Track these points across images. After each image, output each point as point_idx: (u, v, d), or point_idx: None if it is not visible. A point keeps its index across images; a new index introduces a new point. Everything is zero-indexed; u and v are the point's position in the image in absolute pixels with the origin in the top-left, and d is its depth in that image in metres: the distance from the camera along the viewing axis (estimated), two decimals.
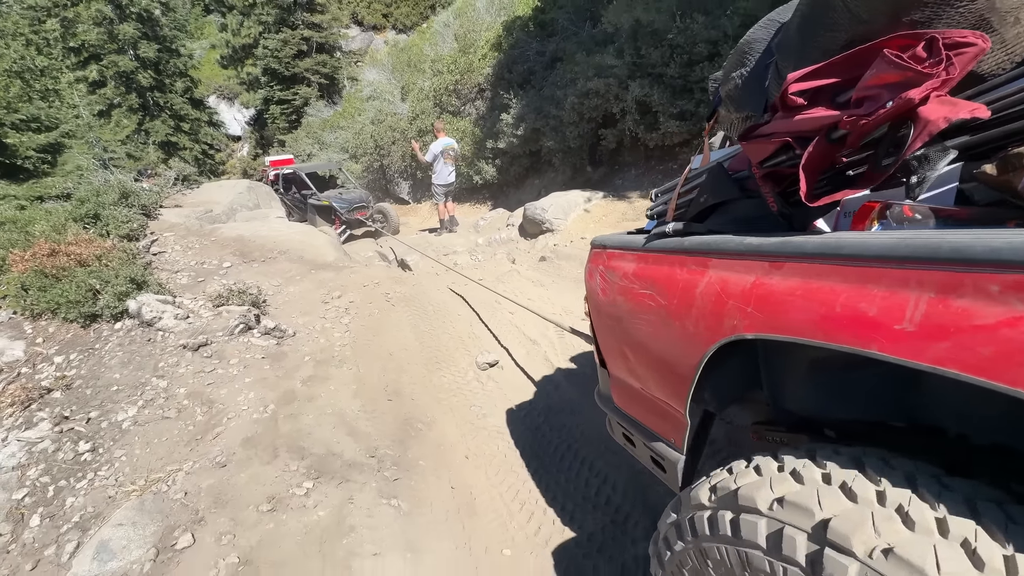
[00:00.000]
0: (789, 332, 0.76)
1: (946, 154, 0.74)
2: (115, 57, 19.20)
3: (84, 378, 2.89)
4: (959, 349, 0.55)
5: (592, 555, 1.92)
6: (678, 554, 0.96)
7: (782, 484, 0.79)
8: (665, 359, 1.11)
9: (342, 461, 2.29)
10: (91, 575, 1.70)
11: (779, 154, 0.96)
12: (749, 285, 0.85)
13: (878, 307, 0.64)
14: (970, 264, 0.55)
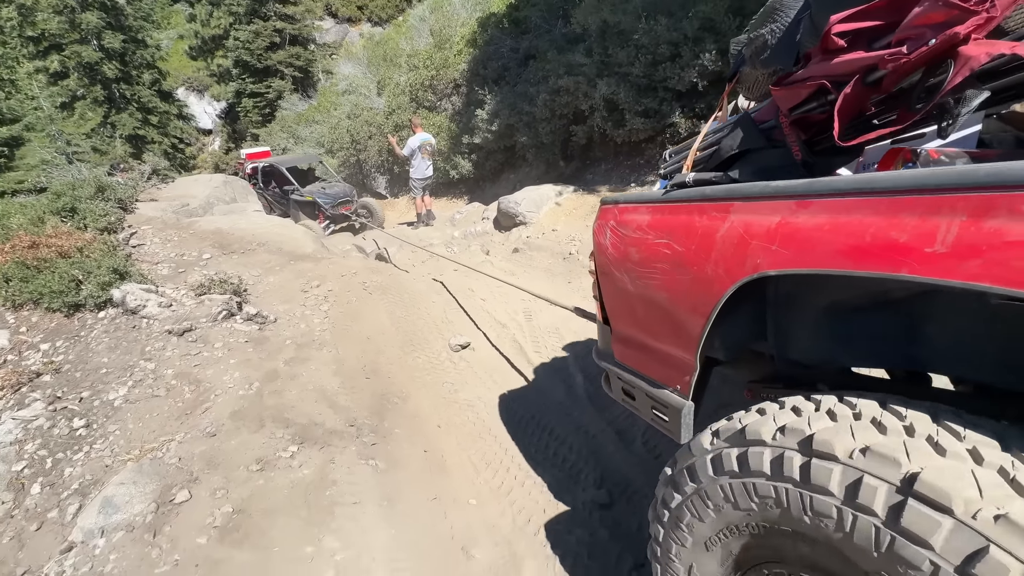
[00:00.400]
0: (813, 265, 0.80)
1: (980, 93, 0.78)
2: (78, 47, 18.57)
3: (72, 363, 3.03)
4: (991, 264, 0.60)
5: (542, 498, 2.20)
6: (676, 509, 1.03)
7: (784, 417, 0.89)
8: (678, 306, 1.15)
9: (324, 429, 2.52)
10: (97, 526, 1.90)
11: (810, 101, 1.02)
12: (775, 225, 0.88)
13: (909, 234, 0.68)
14: (1004, 187, 0.60)
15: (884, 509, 0.68)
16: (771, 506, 0.84)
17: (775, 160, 1.11)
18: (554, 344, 3.68)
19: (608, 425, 2.70)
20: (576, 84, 7.46)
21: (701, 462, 0.98)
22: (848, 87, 0.88)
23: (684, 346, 1.15)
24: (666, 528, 1.09)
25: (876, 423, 0.78)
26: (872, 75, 0.88)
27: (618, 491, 2.24)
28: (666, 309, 1.20)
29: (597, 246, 1.49)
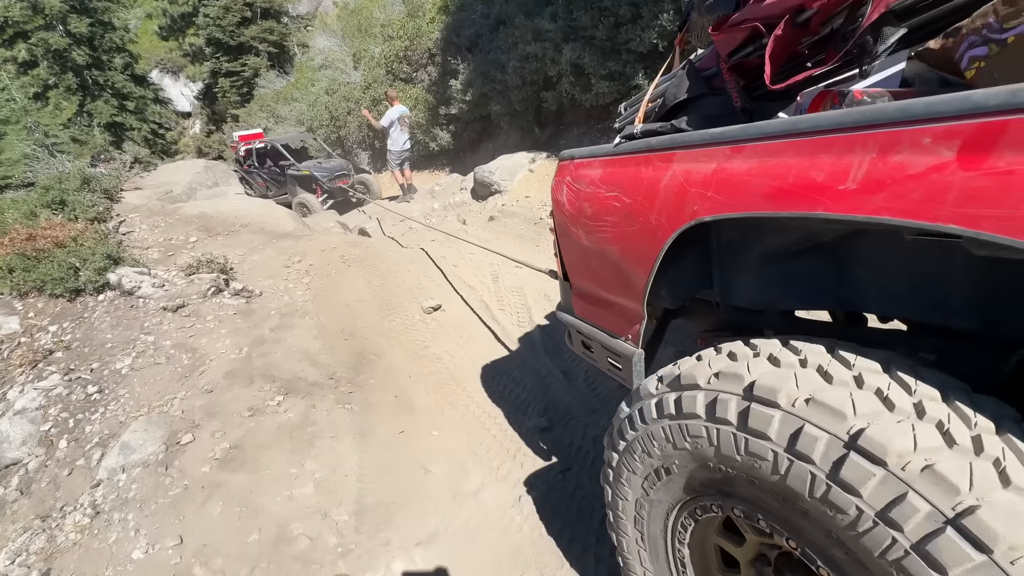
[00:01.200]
0: (743, 208, 0.83)
1: (897, 30, 0.83)
2: (44, 34, 18.13)
3: (80, 340, 3.39)
4: (893, 198, 0.63)
5: (494, 427, 2.61)
6: (630, 443, 1.08)
7: (719, 363, 0.93)
8: (627, 257, 1.18)
9: (306, 383, 2.90)
10: (119, 465, 2.30)
11: (747, 45, 1.04)
12: (711, 171, 0.90)
13: (826, 173, 0.71)
14: (909, 122, 0.62)
15: (823, 459, 0.70)
16: (702, 446, 0.90)
17: (717, 108, 1.12)
18: (517, 302, 4.04)
19: (556, 367, 3.08)
20: (543, 50, 7.55)
21: (647, 405, 1.02)
22: (778, 29, 0.90)
23: (633, 296, 1.19)
24: (620, 456, 1.13)
25: (822, 372, 0.79)
26: (801, 15, 0.90)
27: (558, 418, 2.64)
28: (616, 261, 1.23)
29: (555, 203, 1.50)
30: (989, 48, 0.72)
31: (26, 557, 2.05)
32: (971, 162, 0.57)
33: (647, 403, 1.02)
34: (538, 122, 8.97)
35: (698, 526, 1.05)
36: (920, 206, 0.61)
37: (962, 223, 0.57)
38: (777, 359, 0.85)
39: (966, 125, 0.57)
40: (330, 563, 1.73)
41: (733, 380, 0.84)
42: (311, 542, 1.82)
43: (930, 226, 0.60)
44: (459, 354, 3.48)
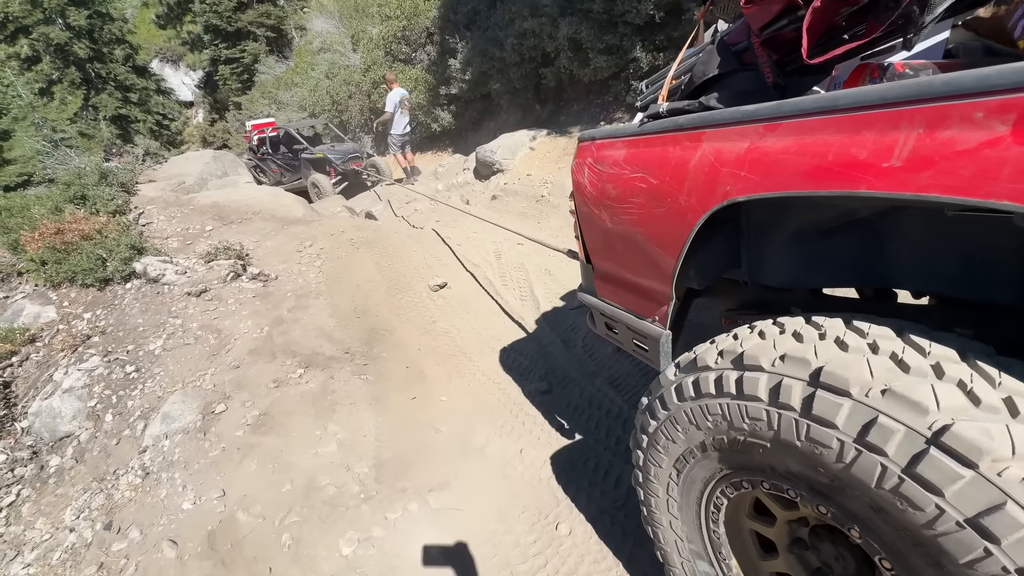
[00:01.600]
0: (780, 188, 0.81)
1: None
2: (44, 28, 18.21)
3: (114, 325, 3.65)
4: (942, 175, 0.61)
5: (498, 392, 2.83)
6: (653, 433, 1.10)
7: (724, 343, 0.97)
8: (654, 239, 1.17)
9: (324, 357, 3.14)
10: (162, 433, 2.56)
11: (781, 18, 1.00)
12: (743, 150, 0.88)
13: (869, 150, 0.68)
14: (959, 96, 0.60)
15: (799, 403, 0.75)
16: (720, 421, 0.92)
17: (748, 84, 1.09)
18: (519, 277, 4.23)
19: (556, 336, 3.29)
20: (540, 26, 7.53)
21: (668, 392, 1.04)
22: (816, 0, 0.86)
23: (661, 278, 1.18)
24: (645, 452, 1.15)
25: (796, 335, 0.85)
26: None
27: (557, 381, 2.85)
28: (643, 243, 1.21)
29: (576, 185, 1.48)
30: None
31: (89, 512, 2.34)
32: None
33: (668, 390, 1.04)
34: (538, 99, 8.98)
35: (730, 504, 1.07)
36: (972, 183, 0.59)
37: (1018, 199, 0.56)
38: (845, 342, 0.83)
39: (1021, 98, 0.55)
40: (354, 506, 1.98)
41: (798, 363, 0.81)
42: (337, 490, 2.07)
43: (982, 203, 0.58)
44: (465, 328, 3.69)
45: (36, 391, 3.24)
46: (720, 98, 1.09)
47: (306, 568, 1.75)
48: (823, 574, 0.98)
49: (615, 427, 2.33)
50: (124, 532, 2.15)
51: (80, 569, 2.05)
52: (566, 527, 1.80)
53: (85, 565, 2.06)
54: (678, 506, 1.15)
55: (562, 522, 1.82)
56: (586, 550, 1.69)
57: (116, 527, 2.19)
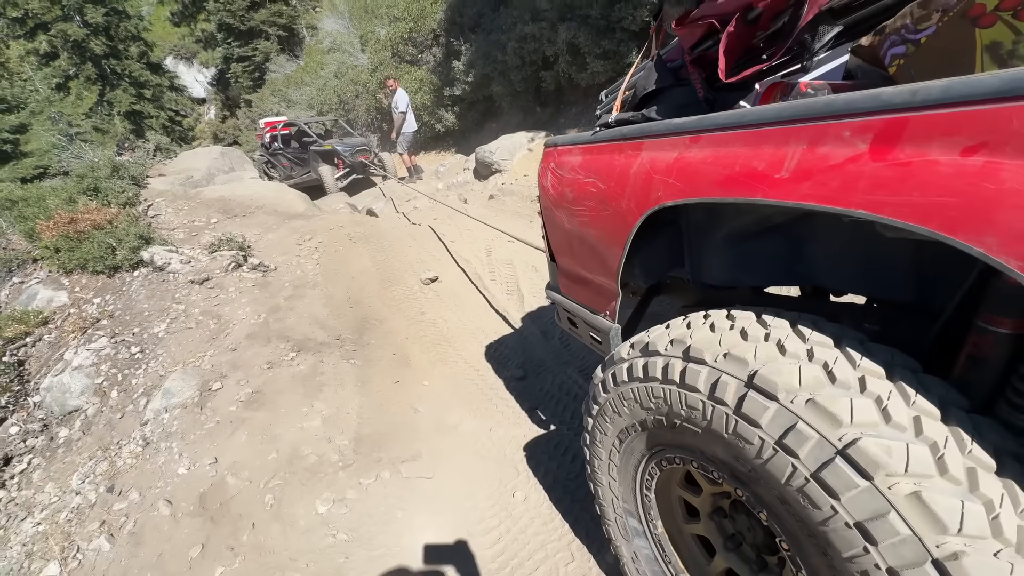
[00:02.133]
0: (699, 195, 0.90)
1: (833, 28, 0.89)
2: (62, 25, 18.67)
3: (121, 310, 3.87)
4: (816, 186, 0.69)
5: (477, 378, 3.00)
6: (603, 404, 1.18)
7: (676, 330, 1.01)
8: (602, 239, 1.27)
9: (315, 342, 3.33)
10: (163, 407, 2.77)
11: (707, 39, 1.09)
12: (672, 160, 0.97)
13: (766, 163, 0.77)
14: (833, 116, 0.68)
15: (733, 400, 0.81)
16: (661, 404, 0.99)
17: (684, 98, 1.17)
18: (507, 273, 4.40)
19: (536, 328, 3.46)
20: (541, 30, 7.71)
21: (619, 369, 1.10)
22: (730, 26, 0.95)
23: (608, 275, 1.27)
24: (594, 419, 1.24)
25: (743, 332, 0.90)
26: (751, 13, 0.96)
27: (532, 369, 3.03)
28: (594, 243, 1.32)
29: (541, 188, 1.59)
30: (907, 47, 0.78)
31: (93, 477, 2.54)
32: (879, 154, 0.63)
33: (619, 367, 1.11)
34: (539, 101, 9.16)
35: (663, 474, 1.19)
36: (837, 193, 0.66)
37: (869, 208, 0.63)
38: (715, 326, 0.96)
39: (877, 120, 0.63)
40: (332, 472, 2.17)
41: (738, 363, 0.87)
42: (318, 458, 2.25)
43: (844, 211, 0.66)
44: (452, 319, 3.87)
45: (48, 369, 3.46)
46: (659, 111, 1.18)
47: (285, 523, 1.93)
48: (736, 540, 1.12)
49: (579, 409, 2.50)
50: (125, 494, 2.35)
51: (84, 526, 2.25)
52: (522, 494, 1.97)
53: (89, 522, 2.26)
54: (618, 470, 1.27)
55: (519, 490, 1.99)
56: (537, 513, 1.86)
57: (118, 490, 2.39)
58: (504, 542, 1.76)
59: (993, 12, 0.67)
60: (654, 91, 1.25)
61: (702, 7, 1.05)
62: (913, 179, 0.59)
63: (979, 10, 0.68)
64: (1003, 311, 0.70)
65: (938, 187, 0.57)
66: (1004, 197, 0.52)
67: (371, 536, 1.83)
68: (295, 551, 1.80)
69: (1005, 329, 0.71)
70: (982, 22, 0.68)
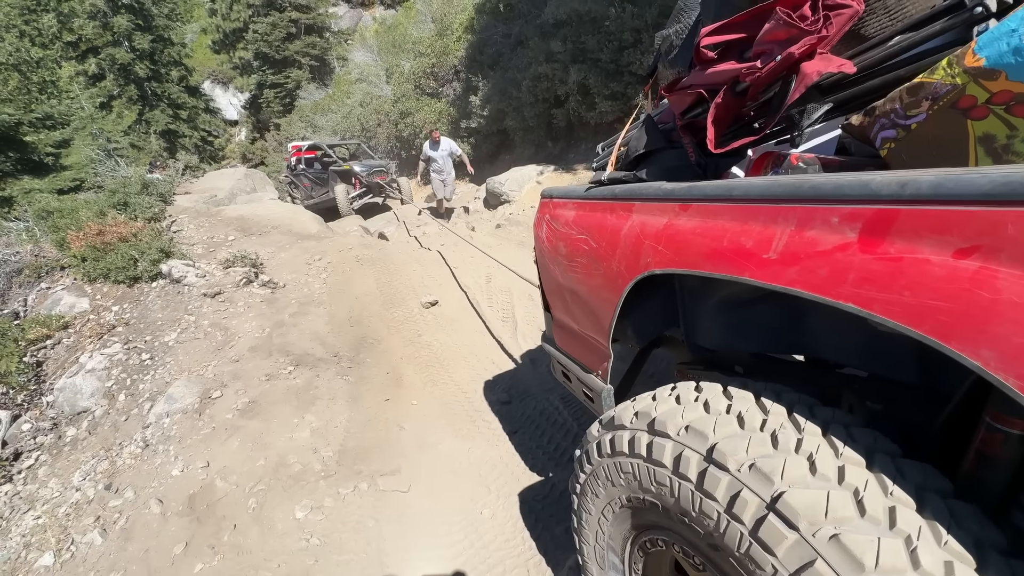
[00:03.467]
0: (687, 266, 0.87)
1: (821, 107, 0.86)
2: (112, 50, 19.96)
3: (137, 319, 4.10)
4: (804, 272, 0.65)
5: (464, 400, 3.12)
6: (583, 484, 1.14)
7: (640, 403, 0.99)
8: (594, 298, 1.24)
9: (314, 358, 3.49)
10: (165, 412, 2.93)
11: (697, 106, 1.07)
12: (662, 226, 0.94)
13: (754, 240, 0.73)
14: (821, 200, 0.65)
15: (695, 475, 0.80)
16: (631, 480, 0.95)
17: (676, 160, 1.15)
18: (504, 300, 4.56)
19: (527, 355, 3.58)
20: (553, 70, 8.11)
21: (591, 447, 1.09)
22: (718, 96, 0.94)
23: (600, 334, 1.24)
24: (579, 499, 1.20)
25: (706, 405, 0.89)
26: (738, 86, 0.93)
27: (517, 394, 3.13)
28: (586, 300, 1.29)
29: (536, 238, 1.57)
30: (897, 132, 0.75)
31: (94, 475, 2.69)
32: (869, 245, 0.59)
33: (592, 445, 1.09)
34: (550, 136, 9.51)
35: (649, 559, 1.12)
36: (826, 282, 0.62)
37: (859, 303, 0.59)
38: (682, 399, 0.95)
39: (866, 209, 0.60)
40: (314, 481, 2.28)
41: (699, 437, 0.85)
42: (302, 467, 2.37)
43: (832, 303, 0.62)
44: (448, 343, 4.01)
45: (63, 371, 3.67)
46: (650, 172, 1.15)
47: (264, 526, 2.04)
48: None
49: (557, 435, 2.59)
50: (121, 492, 2.48)
51: (80, 520, 2.38)
52: (490, 512, 2.06)
53: (85, 517, 2.40)
54: (606, 557, 1.19)
55: (487, 508, 2.08)
56: (500, 531, 1.94)
57: (115, 488, 2.53)
58: (466, 556, 1.85)
59: (984, 105, 0.64)
60: (645, 152, 1.24)
61: (691, 76, 1.02)
62: (904, 277, 0.55)
63: (970, 101, 0.65)
64: (1012, 411, 0.64)
65: (930, 289, 0.53)
66: (1001, 309, 0.48)
67: (341, 542, 1.93)
68: (270, 552, 1.91)
69: (1016, 430, 0.64)
70: (973, 114, 0.66)
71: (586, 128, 8.70)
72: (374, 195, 10.23)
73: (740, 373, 1.20)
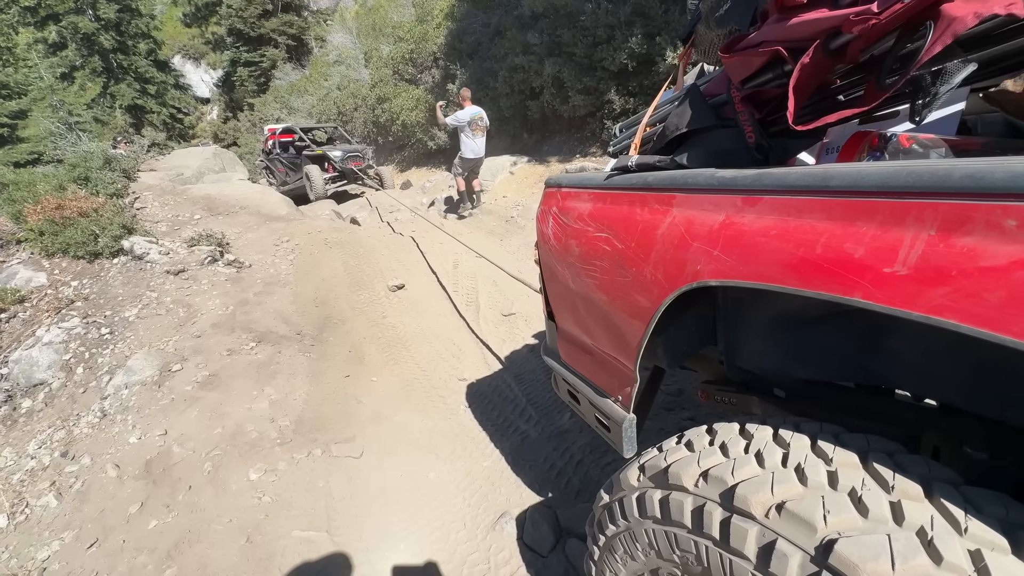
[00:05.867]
0: (759, 278, 0.69)
1: (966, 67, 0.62)
2: (74, 18, 19.07)
3: (96, 294, 4.08)
4: (962, 296, 0.48)
5: (423, 378, 3.25)
6: (611, 538, 0.96)
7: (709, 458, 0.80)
8: (618, 310, 1.05)
9: (277, 335, 3.57)
10: (123, 383, 2.97)
11: (765, 71, 0.86)
12: (718, 225, 0.77)
13: (866, 247, 0.56)
14: (984, 195, 0.47)
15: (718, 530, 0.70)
16: (648, 551, 0.83)
17: (727, 142, 0.94)
18: (468, 286, 4.69)
19: (487, 337, 3.73)
20: (529, 62, 8.21)
21: (628, 500, 0.91)
22: (806, 56, 0.73)
23: (625, 355, 1.06)
24: (601, 551, 1.02)
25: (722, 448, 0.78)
26: (835, 40, 0.72)
27: (473, 373, 3.28)
28: (607, 312, 1.09)
29: (540, 235, 1.36)
30: None
31: (50, 444, 2.73)
32: None
33: (628, 497, 0.91)
34: (525, 128, 9.62)
35: None
36: (1003, 316, 0.45)
37: None
38: None
39: None
40: (269, 447, 2.39)
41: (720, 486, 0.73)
42: (259, 435, 2.48)
43: (1012, 343, 0.45)
44: (411, 324, 4.12)
45: (18, 344, 3.64)
46: (692, 156, 0.95)
47: (218, 487, 2.15)
48: None
49: (506, 409, 2.75)
50: (77, 459, 2.54)
51: (35, 485, 2.44)
52: (435, 475, 2.21)
53: (40, 482, 2.45)
54: None
55: (432, 471, 2.23)
56: (443, 490, 2.10)
57: (71, 455, 2.58)
58: (410, 512, 2.00)
59: None
60: (687, 132, 1.01)
61: (764, 30, 0.82)
62: None
63: None
64: None
65: None
66: None
67: (292, 500, 2.06)
68: (223, 509, 2.02)
69: None
70: None
71: (560, 121, 8.84)
72: (348, 181, 10.14)
73: (781, 397, 1.06)
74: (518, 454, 2.32)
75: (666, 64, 6.53)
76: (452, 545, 1.85)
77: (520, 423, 2.59)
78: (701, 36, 1.10)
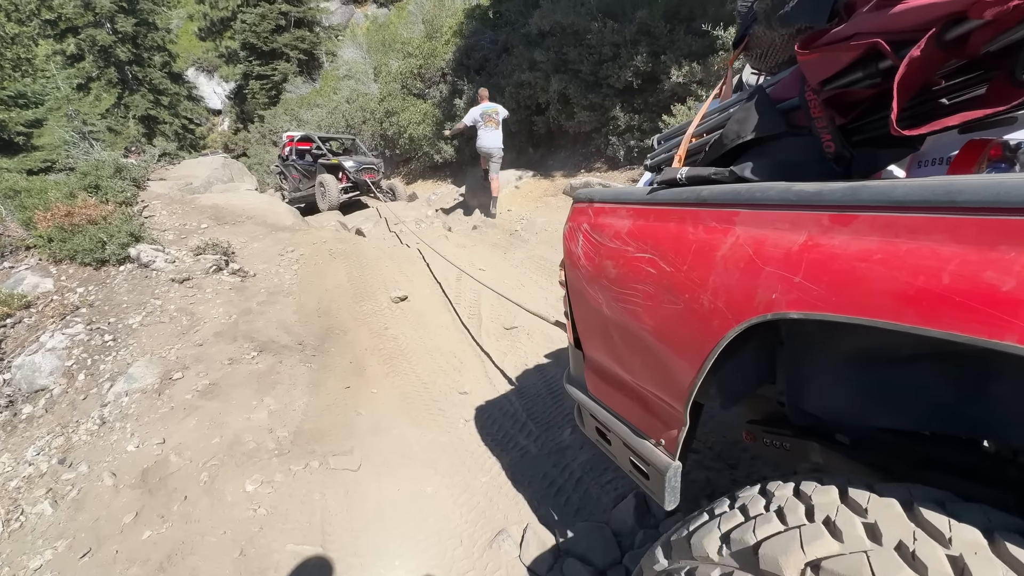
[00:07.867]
0: (859, 311, 0.57)
1: None
2: (92, 31, 19.55)
3: (102, 300, 4.11)
4: None
5: (424, 391, 3.23)
6: None
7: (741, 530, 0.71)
8: (664, 342, 0.93)
9: (279, 345, 3.57)
10: (124, 391, 2.97)
11: (854, 69, 0.74)
12: (797, 247, 0.66)
13: (1017, 280, 0.45)
14: None
15: None
16: None
17: (798, 152, 0.85)
18: (471, 299, 4.69)
19: (490, 351, 3.71)
20: (536, 79, 8.32)
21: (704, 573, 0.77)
22: (917, 48, 0.61)
23: (672, 395, 0.94)
24: None
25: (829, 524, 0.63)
26: (954, 29, 0.60)
27: (476, 388, 3.26)
28: (649, 343, 0.97)
29: (567, 254, 1.25)
30: None
31: (48, 450, 2.72)
32: None
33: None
34: (531, 143, 9.72)
35: None
36: None
37: None
38: None
39: None
40: (267, 459, 2.37)
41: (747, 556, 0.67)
42: (256, 445, 2.46)
43: None
44: (413, 336, 4.12)
45: (22, 349, 3.66)
46: (756, 168, 0.85)
47: (214, 498, 2.12)
48: None
49: (506, 423, 2.73)
50: (74, 466, 2.53)
51: (32, 492, 2.42)
52: (432, 489, 2.18)
53: (36, 489, 2.44)
54: None
55: (430, 486, 2.21)
56: (440, 506, 2.07)
57: (69, 462, 2.57)
58: (406, 526, 1.97)
59: None
60: (749, 142, 0.92)
61: (854, 21, 0.71)
62: None
63: None
64: None
65: None
66: None
67: (287, 512, 2.03)
68: (218, 520, 2.00)
69: None
70: None
71: (565, 136, 8.93)
72: (361, 192, 10.23)
73: (845, 444, 0.95)
74: (517, 470, 2.29)
75: (671, 82, 6.59)
76: (448, 562, 1.82)
77: (520, 438, 2.56)
78: (758, 38, 1.00)
